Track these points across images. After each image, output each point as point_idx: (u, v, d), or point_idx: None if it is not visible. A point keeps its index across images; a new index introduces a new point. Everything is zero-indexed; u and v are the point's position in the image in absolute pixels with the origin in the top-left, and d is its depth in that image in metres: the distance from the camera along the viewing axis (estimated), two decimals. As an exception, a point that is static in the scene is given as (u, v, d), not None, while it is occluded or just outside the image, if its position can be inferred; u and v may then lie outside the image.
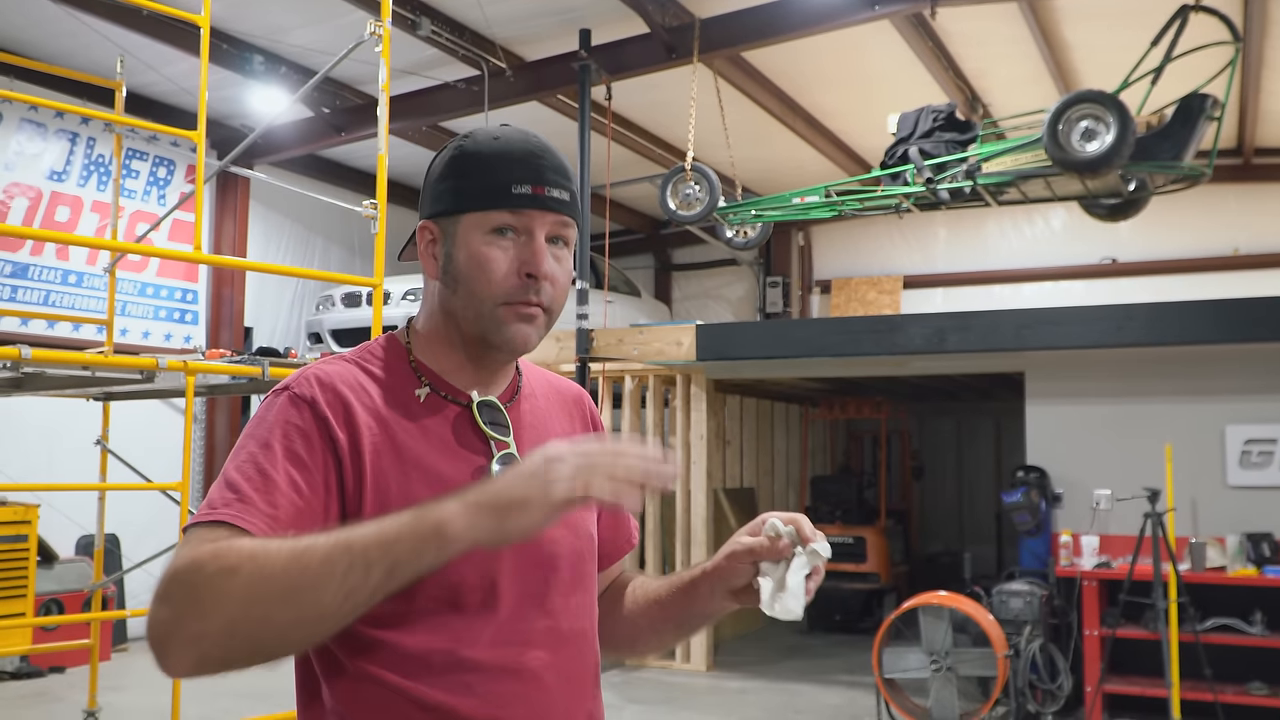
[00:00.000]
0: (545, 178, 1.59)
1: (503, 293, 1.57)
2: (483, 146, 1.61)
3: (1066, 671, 7.27)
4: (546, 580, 1.59)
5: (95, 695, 6.52)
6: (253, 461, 1.44)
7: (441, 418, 1.59)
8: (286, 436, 1.47)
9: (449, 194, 1.61)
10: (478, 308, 1.58)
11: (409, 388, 1.60)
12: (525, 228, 1.58)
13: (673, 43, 8.92)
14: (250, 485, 1.41)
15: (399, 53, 8.08)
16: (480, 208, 1.58)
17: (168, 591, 1.31)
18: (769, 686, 8.57)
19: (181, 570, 1.31)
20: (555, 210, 1.59)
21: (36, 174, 9.74)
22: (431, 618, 1.48)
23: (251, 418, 1.53)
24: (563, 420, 1.78)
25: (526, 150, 1.60)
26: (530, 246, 1.58)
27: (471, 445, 1.59)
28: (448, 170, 1.62)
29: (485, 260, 1.57)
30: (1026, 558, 8.13)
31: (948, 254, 13.86)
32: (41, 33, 9.03)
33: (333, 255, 12.61)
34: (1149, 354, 7.87)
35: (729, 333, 9.55)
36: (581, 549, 1.67)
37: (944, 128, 8.27)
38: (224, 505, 1.39)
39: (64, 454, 8.31)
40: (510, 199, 1.57)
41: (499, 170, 1.58)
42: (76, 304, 9.89)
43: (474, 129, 1.66)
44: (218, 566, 1.28)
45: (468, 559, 1.45)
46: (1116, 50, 8.33)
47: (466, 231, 1.58)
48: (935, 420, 14.96)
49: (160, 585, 1.33)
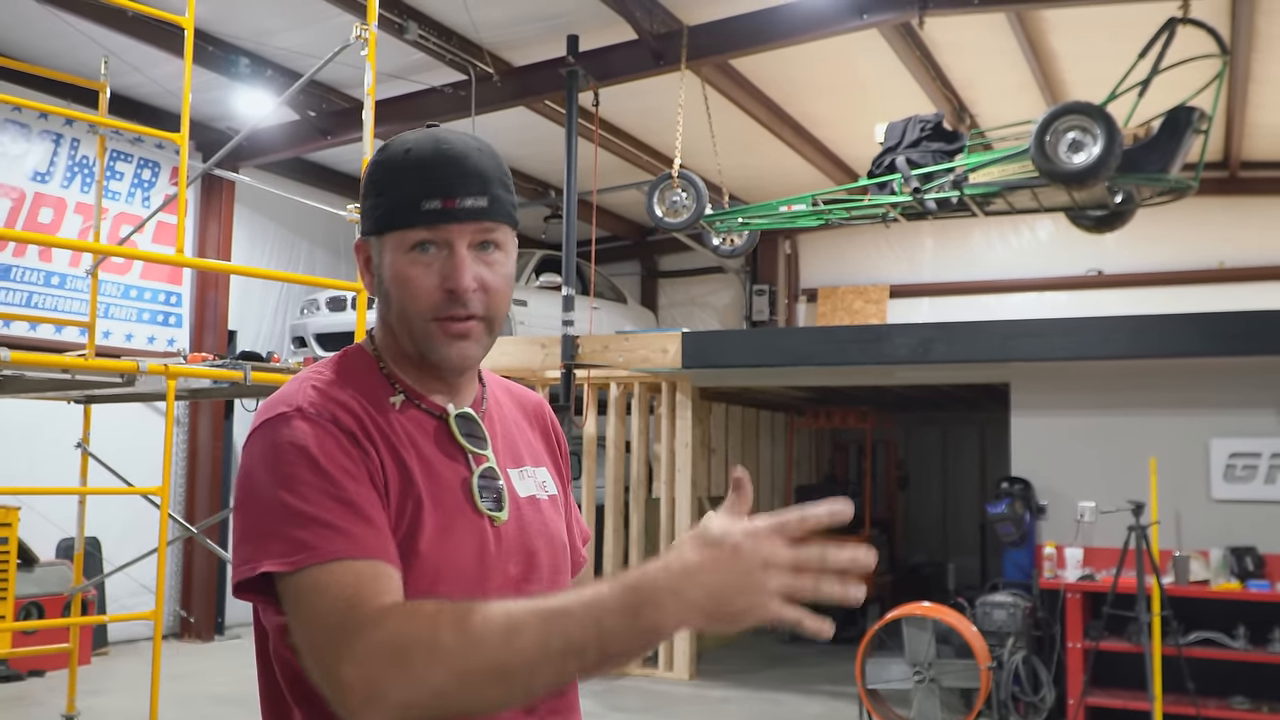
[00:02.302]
0: (455, 188, 1.54)
1: (429, 309, 1.54)
2: (394, 160, 1.57)
3: (1049, 684, 7.26)
4: (531, 594, 1.54)
5: (74, 699, 6.50)
6: (317, 490, 1.39)
7: (419, 429, 1.56)
8: (330, 456, 1.42)
9: (371, 213, 1.59)
10: (409, 326, 1.56)
11: (384, 395, 1.57)
12: (444, 241, 1.54)
13: (660, 49, 8.90)
14: (334, 516, 1.37)
15: (385, 56, 8.05)
16: (395, 227, 1.55)
17: (359, 652, 1.28)
18: (751, 695, 8.54)
19: (372, 630, 1.28)
20: (472, 220, 1.55)
21: (19, 175, 9.67)
22: None
23: (268, 444, 1.45)
24: (527, 430, 1.78)
25: (437, 160, 1.55)
26: (450, 260, 1.54)
27: (452, 456, 1.57)
28: (368, 187, 1.60)
29: (407, 280, 1.54)
30: (1010, 569, 8.13)
31: (934, 264, 13.88)
32: (26, 33, 8.97)
33: (318, 258, 12.56)
34: (1134, 366, 7.88)
35: (715, 341, 9.54)
36: (559, 563, 1.67)
37: (931, 137, 8.28)
38: (325, 543, 1.35)
39: (45, 456, 8.25)
40: (420, 216, 1.53)
41: (409, 185, 1.54)
42: (59, 306, 9.82)
43: (393, 139, 1.61)
44: (417, 637, 1.27)
45: (457, 576, 1.48)
46: (1104, 62, 8.35)
47: (390, 251, 1.56)
48: (921, 430, 14.97)
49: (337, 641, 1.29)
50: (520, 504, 1.62)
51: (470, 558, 1.51)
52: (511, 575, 1.56)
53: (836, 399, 11.76)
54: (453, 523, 1.51)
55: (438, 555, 1.47)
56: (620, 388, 9.79)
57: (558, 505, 1.73)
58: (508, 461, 1.65)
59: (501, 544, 1.56)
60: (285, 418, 1.46)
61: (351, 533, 1.37)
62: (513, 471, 1.65)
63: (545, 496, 1.69)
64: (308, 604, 1.34)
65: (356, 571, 1.34)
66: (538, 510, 1.66)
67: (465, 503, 1.54)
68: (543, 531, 1.64)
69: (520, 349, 9.52)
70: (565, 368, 9.12)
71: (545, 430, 1.83)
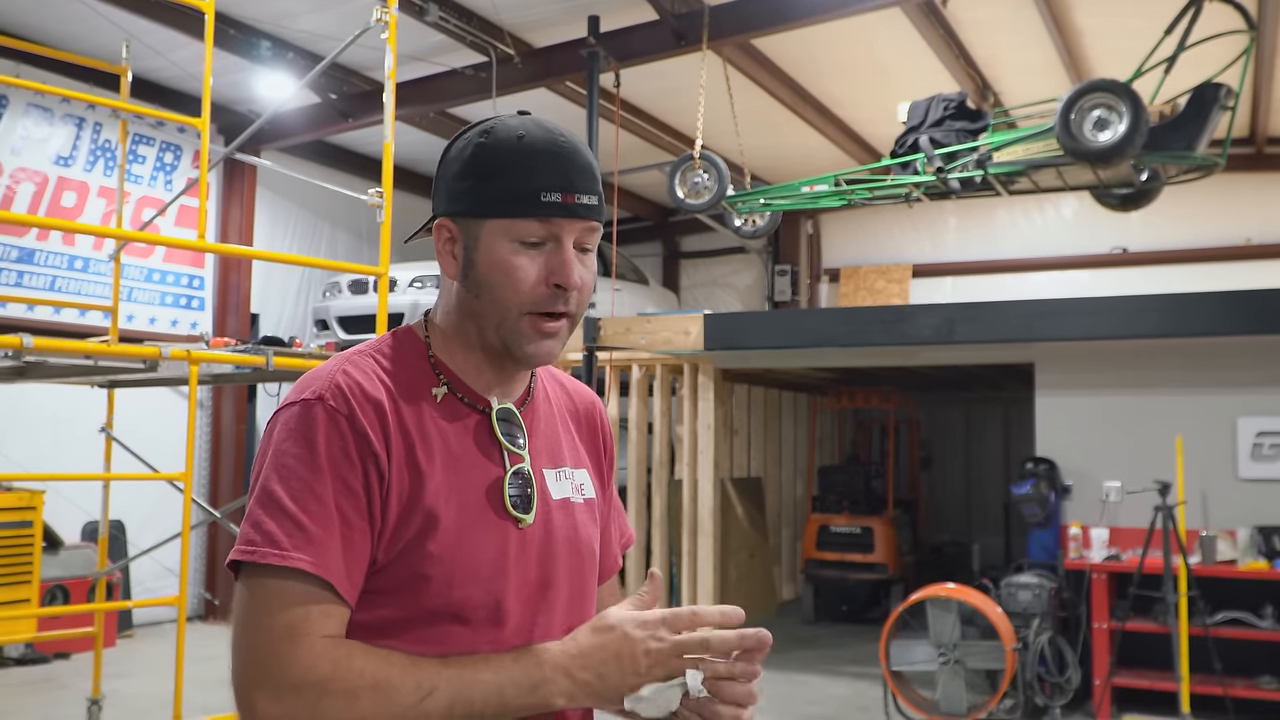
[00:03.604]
0: (575, 184, 1.52)
1: (529, 302, 1.52)
2: (506, 145, 1.53)
3: (1075, 664, 7.24)
4: (550, 598, 1.57)
5: (99, 682, 6.52)
6: (308, 490, 1.41)
7: (458, 422, 1.55)
8: (332, 460, 1.43)
9: (470, 195, 1.54)
10: (502, 316, 1.54)
11: (426, 385, 1.55)
12: (553, 236, 1.52)
13: (682, 30, 8.85)
14: (313, 521, 1.40)
15: (406, 38, 8.04)
16: (506, 215, 1.51)
17: (283, 693, 1.35)
18: (776, 677, 8.54)
19: (299, 679, 1.34)
20: (584, 217, 1.54)
21: (43, 159, 9.71)
22: (435, 629, 1.46)
23: (283, 427, 1.47)
24: (573, 429, 1.75)
25: (554, 152, 1.53)
26: (559, 256, 1.53)
27: (488, 453, 1.56)
28: (469, 168, 1.54)
29: (512, 269, 1.52)
30: (1035, 550, 8.10)
31: (957, 243, 13.79)
32: (48, 17, 8.99)
33: (340, 241, 12.58)
34: (1160, 345, 7.81)
35: (736, 322, 9.51)
36: (583, 569, 1.65)
37: (955, 116, 8.20)
38: (294, 548, 1.38)
39: (70, 440, 8.30)
40: (539, 207, 1.50)
41: (526, 175, 1.51)
42: (83, 289, 9.87)
43: (495, 121, 1.58)
44: (340, 689, 1.34)
45: (474, 577, 1.48)
46: (1129, 38, 8.26)
47: (490, 237, 1.52)
48: (944, 410, 14.91)
49: (269, 674, 1.35)
50: (551, 507, 1.60)
51: (489, 560, 1.50)
52: (531, 579, 1.55)
53: (859, 379, 11.72)
54: (473, 524, 1.50)
55: (452, 556, 1.46)
56: (642, 369, 9.78)
57: (593, 509, 1.70)
58: (545, 461, 1.64)
59: (525, 547, 1.54)
60: (307, 405, 1.46)
61: (323, 544, 1.39)
62: (550, 472, 1.63)
63: (580, 500, 1.67)
64: (253, 613, 1.39)
65: (306, 596, 1.38)
66: (569, 514, 1.64)
67: (491, 503, 1.52)
68: (570, 537, 1.62)
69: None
70: (587, 350, 9.12)
71: (594, 431, 1.80)
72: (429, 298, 9.91)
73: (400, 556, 1.45)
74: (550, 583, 1.57)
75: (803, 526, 11.78)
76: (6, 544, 8.17)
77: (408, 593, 1.45)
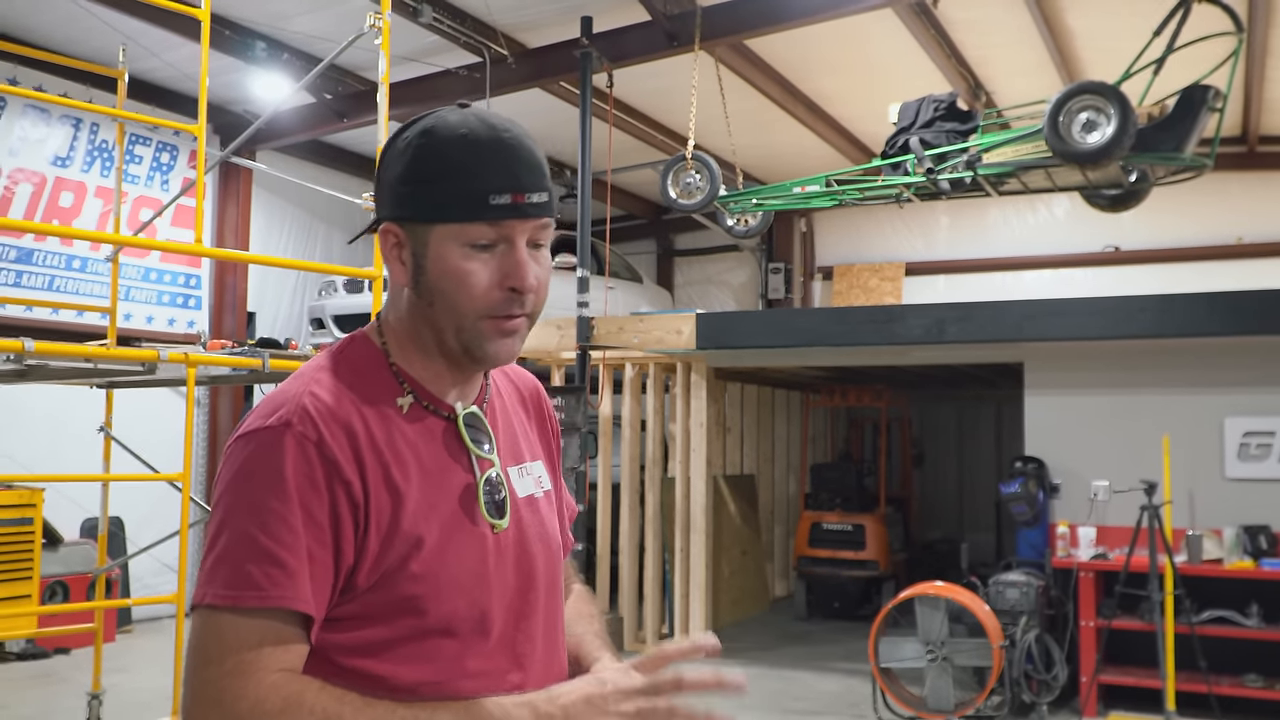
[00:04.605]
0: (523, 182, 1.47)
1: (485, 307, 1.48)
2: (448, 144, 1.47)
3: (1062, 662, 7.31)
4: (529, 599, 1.57)
5: (100, 677, 6.59)
6: (280, 521, 1.36)
7: (426, 431, 1.52)
8: (300, 489, 1.38)
9: (415, 199, 1.48)
10: (458, 322, 1.49)
11: (389, 396, 1.51)
12: (505, 238, 1.48)
13: (674, 30, 8.90)
14: (286, 553, 1.35)
15: (400, 39, 8.09)
16: (454, 219, 1.46)
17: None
18: (767, 673, 8.62)
19: (246, 713, 1.30)
20: (535, 216, 1.49)
21: (40, 159, 9.76)
22: (423, 646, 1.45)
23: (250, 454, 1.42)
24: (524, 419, 1.75)
25: (499, 149, 1.47)
26: (513, 258, 1.48)
27: (458, 460, 1.53)
28: (411, 171, 1.48)
29: (464, 276, 1.47)
30: (1024, 548, 8.16)
31: (950, 241, 13.86)
32: (44, 19, 9.03)
33: (335, 241, 12.63)
34: (1149, 345, 7.88)
35: (728, 322, 9.57)
36: (555, 565, 1.66)
37: (945, 117, 8.26)
38: (273, 585, 1.34)
39: (69, 439, 8.36)
40: (488, 210, 1.45)
41: (472, 176, 1.45)
42: (81, 289, 9.92)
43: (434, 117, 1.51)
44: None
45: (458, 589, 1.46)
46: (1120, 38, 8.31)
47: (439, 243, 1.47)
48: (936, 408, 14.99)
49: (216, 707, 1.31)
50: (519, 506, 1.59)
51: (470, 570, 1.48)
52: (511, 584, 1.54)
53: (852, 377, 11.79)
54: (452, 536, 1.48)
55: (435, 573, 1.44)
56: (635, 368, 9.85)
57: (551, 500, 1.70)
58: (509, 460, 1.62)
59: (502, 552, 1.53)
60: (274, 432, 1.41)
61: (296, 575, 1.35)
62: (513, 470, 1.62)
63: (541, 494, 1.67)
64: (207, 645, 1.34)
65: (265, 631, 1.34)
66: (535, 511, 1.63)
67: (467, 513, 1.51)
68: (540, 534, 1.62)
69: (536, 331, 9.56)
70: (581, 349, 9.17)
71: (540, 415, 1.79)
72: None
73: (384, 579, 1.42)
74: (529, 584, 1.57)
75: (795, 524, 11.85)
76: (7, 541, 8.27)
77: (394, 613, 1.43)
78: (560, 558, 1.69)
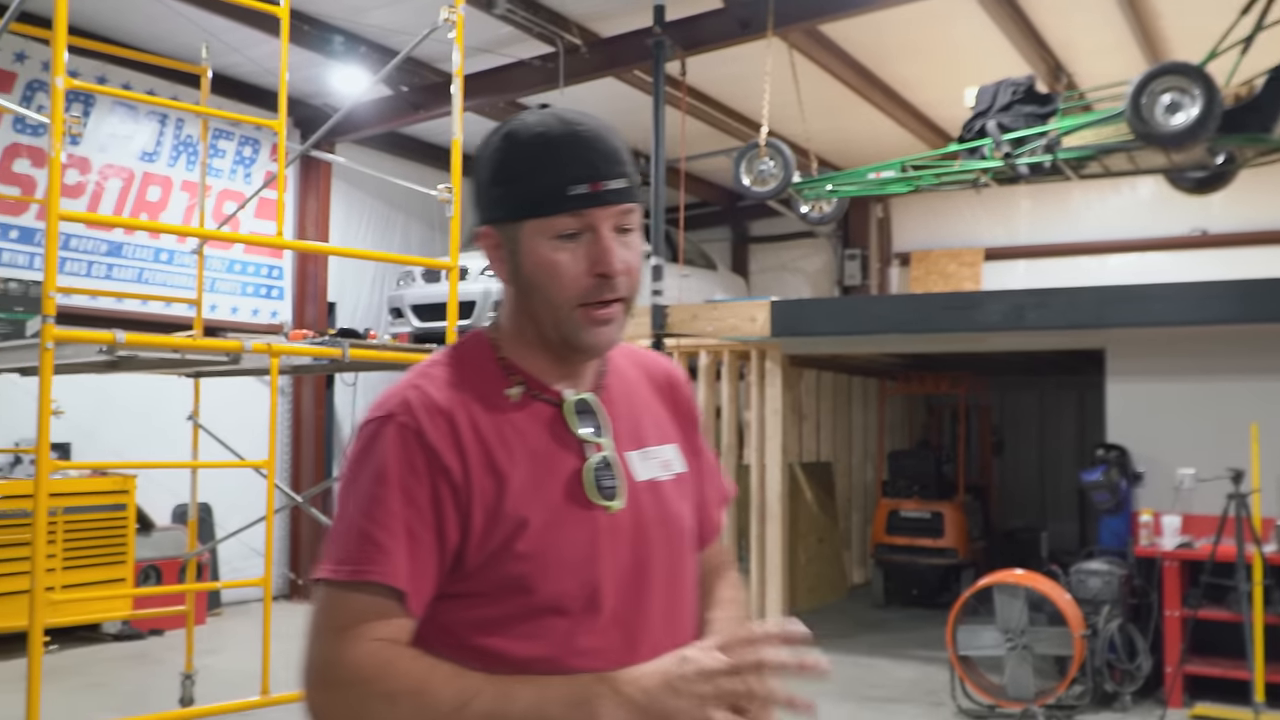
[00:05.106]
0: (601, 170, 1.53)
1: (577, 295, 1.55)
2: (527, 144, 1.55)
3: (1146, 652, 7.20)
4: (645, 580, 1.60)
5: (192, 658, 6.81)
6: (380, 504, 1.47)
7: (535, 419, 1.59)
8: (401, 475, 1.48)
9: (503, 200, 1.57)
10: (554, 313, 1.56)
11: (500, 387, 1.59)
12: (589, 226, 1.54)
13: (747, 17, 8.87)
14: (383, 534, 1.46)
15: (474, 31, 8.17)
16: (538, 214, 1.53)
17: (330, 687, 1.45)
18: (843, 660, 8.59)
19: (346, 677, 1.43)
20: (616, 202, 1.55)
21: (129, 155, 10.03)
22: (534, 623, 1.51)
23: (360, 444, 1.54)
24: (654, 404, 1.77)
25: (575, 141, 1.54)
26: (598, 244, 1.54)
27: (567, 447, 1.59)
28: (497, 174, 1.57)
29: (553, 267, 1.54)
30: (1106, 536, 8.04)
31: (1031, 225, 13.64)
32: (131, 18, 9.25)
33: (413, 231, 12.79)
34: (1235, 331, 7.69)
35: (803, 309, 9.53)
36: (678, 547, 1.67)
37: (1023, 101, 8.15)
38: (365, 562, 1.46)
39: (159, 427, 8.56)
40: (568, 201, 1.52)
41: (550, 171, 1.52)
42: (169, 280, 10.17)
43: (515, 121, 1.59)
44: (382, 690, 1.41)
45: (567, 569, 1.52)
46: (1206, 16, 8.11)
47: (529, 238, 1.55)
48: (1017, 394, 14.76)
49: (321, 670, 1.45)
50: (638, 489, 1.62)
51: (579, 551, 1.53)
52: (625, 565, 1.57)
53: (930, 364, 11.68)
54: (560, 518, 1.53)
55: (542, 552, 1.50)
56: (710, 356, 9.86)
57: (682, 485, 1.72)
58: (629, 444, 1.65)
59: (615, 534, 1.57)
60: (380, 423, 1.53)
61: (391, 555, 1.46)
62: (634, 454, 1.65)
63: (668, 477, 1.69)
64: (319, 617, 1.48)
65: (368, 604, 1.45)
66: (657, 494, 1.65)
67: (576, 495, 1.56)
68: (660, 516, 1.64)
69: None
70: (655, 337, 9.20)
71: (675, 401, 1.81)
72: (501, 286, 10.05)
73: (491, 559, 1.50)
74: (645, 565, 1.59)
75: (873, 511, 11.79)
76: (103, 526, 8.59)
77: (504, 591, 1.50)
78: (684, 540, 1.70)
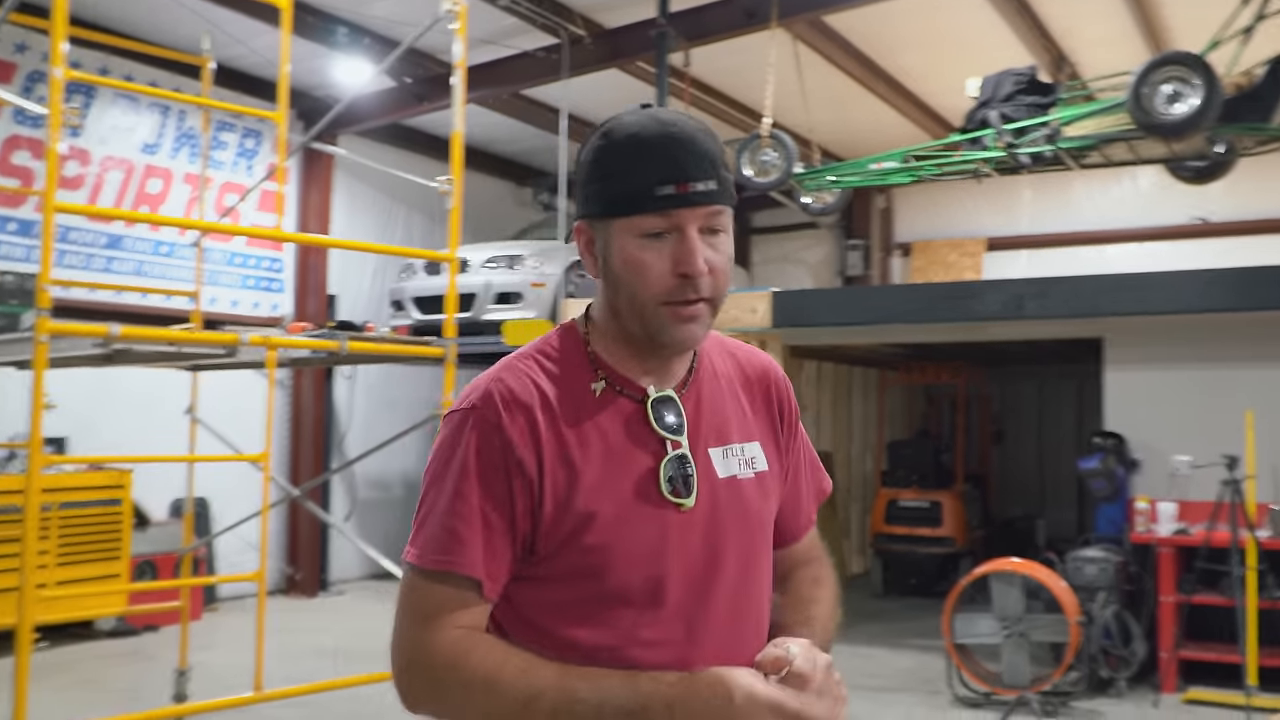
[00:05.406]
0: (689, 173, 1.56)
1: (661, 294, 1.57)
2: (621, 143, 1.58)
3: (1140, 637, 7.24)
4: (715, 576, 1.63)
5: (186, 654, 6.73)
6: (458, 494, 1.56)
7: (617, 414, 1.63)
8: (479, 466, 1.56)
9: (596, 197, 1.61)
10: (640, 310, 1.59)
11: (586, 380, 1.64)
12: (675, 227, 1.56)
13: (752, 7, 8.85)
14: (461, 523, 1.55)
15: (477, 22, 8.17)
16: (628, 212, 1.57)
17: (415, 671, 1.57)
18: (841, 649, 8.49)
19: (429, 662, 1.55)
20: (704, 204, 1.57)
21: (130, 147, 10.02)
22: (600, 612, 1.57)
23: (442, 434, 1.63)
24: (743, 401, 1.78)
25: (667, 142, 1.56)
26: (683, 245, 1.56)
27: (644, 443, 1.62)
28: (593, 171, 1.61)
29: (640, 264, 1.57)
30: (1103, 524, 8.08)
31: (1032, 215, 13.64)
32: (133, 9, 9.26)
33: (415, 222, 12.78)
34: (1231, 319, 7.72)
35: (804, 300, 9.54)
36: (754, 545, 1.70)
37: (1025, 91, 8.17)
38: (444, 551, 1.55)
39: (157, 421, 8.56)
40: (655, 201, 1.55)
41: (641, 171, 1.56)
42: (168, 273, 10.16)
43: (613, 120, 1.63)
44: (459, 679, 1.52)
45: (633, 563, 1.57)
46: (1208, 6, 8.11)
47: (618, 236, 1.58)
48: (1016, 384, 14.79)
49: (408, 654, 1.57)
50: (716, 486, 1.65)
51: (647, 544, 1.57)
52: (695, 560, 1.61)
53: (929, 354, 11.70)
54: (629, 513, 1.58)
55: (610, 545, 1.56)
56: (711, 346, 9.84)
57: (764, 482, 1.73)
58: (711, 440, 1.68)
59: (686, 529, 1.60)
60: (465, 415, 1.60)
61: (469, 543, 1.54)
62: (715, 450, 1.68)
63: (750, 474, 1.71)
64: (405, 602, 1.59)
65: (448, 593, 1.55)
66: (736, 492, 1.68)
67: (648, 492, 1.59)
68: (739, 514, 1.67)
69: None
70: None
71: (768, 397, 1.82)
72: (502, 278, 10.08)
73: (561, 548, 1.56)
74: (716, 561, 1.62)
75: (872, 501, 11.82)
76: (98, 521, 8.49)
77: (572, 579, 1.57)
78: (760, 538, 1.73)
